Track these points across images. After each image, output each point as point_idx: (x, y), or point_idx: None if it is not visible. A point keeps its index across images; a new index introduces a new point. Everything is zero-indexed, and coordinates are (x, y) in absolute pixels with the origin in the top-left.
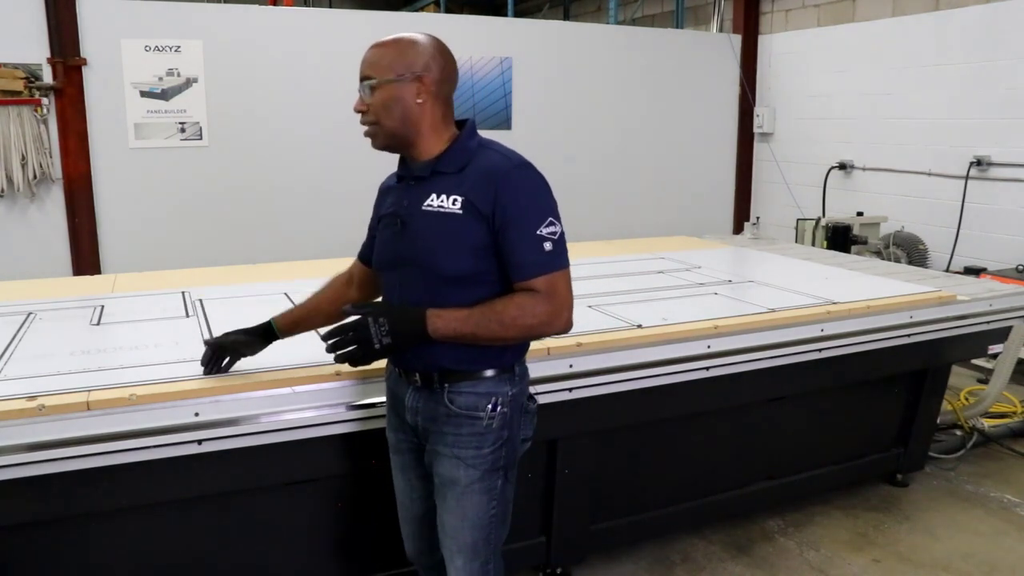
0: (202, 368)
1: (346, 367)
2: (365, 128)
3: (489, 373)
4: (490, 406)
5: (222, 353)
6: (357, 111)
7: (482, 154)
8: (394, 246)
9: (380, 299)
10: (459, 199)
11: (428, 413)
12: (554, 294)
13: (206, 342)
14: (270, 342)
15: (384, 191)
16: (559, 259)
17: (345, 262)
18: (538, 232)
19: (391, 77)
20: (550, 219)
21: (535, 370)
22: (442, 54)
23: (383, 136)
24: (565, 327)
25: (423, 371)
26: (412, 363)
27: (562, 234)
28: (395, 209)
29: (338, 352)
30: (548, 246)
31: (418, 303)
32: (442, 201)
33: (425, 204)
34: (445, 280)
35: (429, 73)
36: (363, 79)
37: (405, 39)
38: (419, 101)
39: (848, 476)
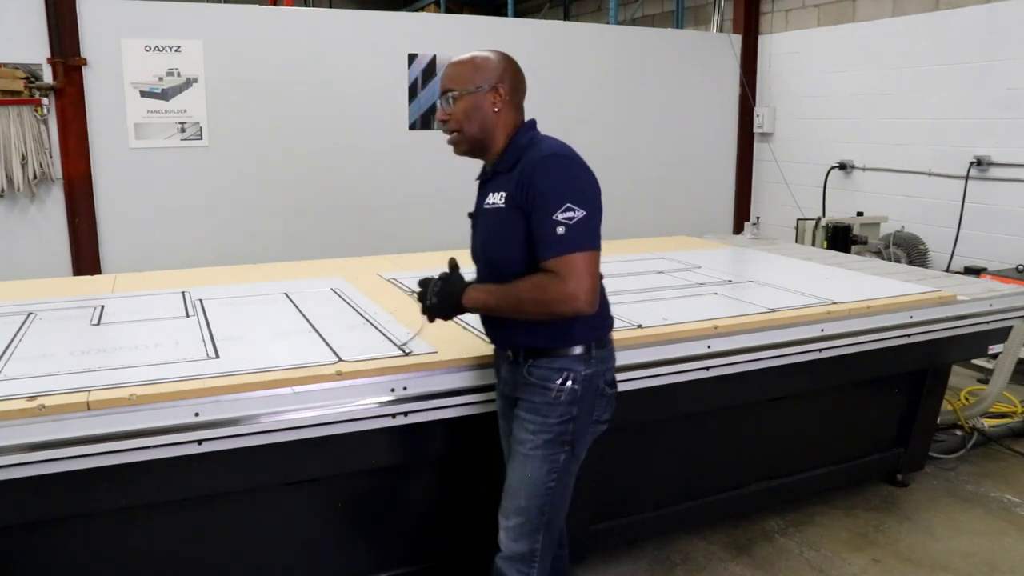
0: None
1: (346, 367)
2: (448, 136)
3: (565, 351)
4: (559, 380)
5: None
6: (440, 120)
7: (528, 150)
8: (473, 242)
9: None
10: (504, 195)
11: (512, 382)
12: (569, 275)
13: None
14: None
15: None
16: (575, 242)
17: (346, 262)
18: (553, 216)
19: (471, 88)
20: (568, 204)
21: None
22: (513, 67)
23: (465, 142)
24: (584, 308)
25: (512, 347)
26: (501, 341)
27: (584, 219)
28: (474, 209)
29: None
30: (561, 230)
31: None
32: (495, 199)
33: (485, 203)
34: (499, 266)
35: (503, 84)
36: (445, 92)
37: (480, 56)
38: (496, 110)
39: (848, 476)
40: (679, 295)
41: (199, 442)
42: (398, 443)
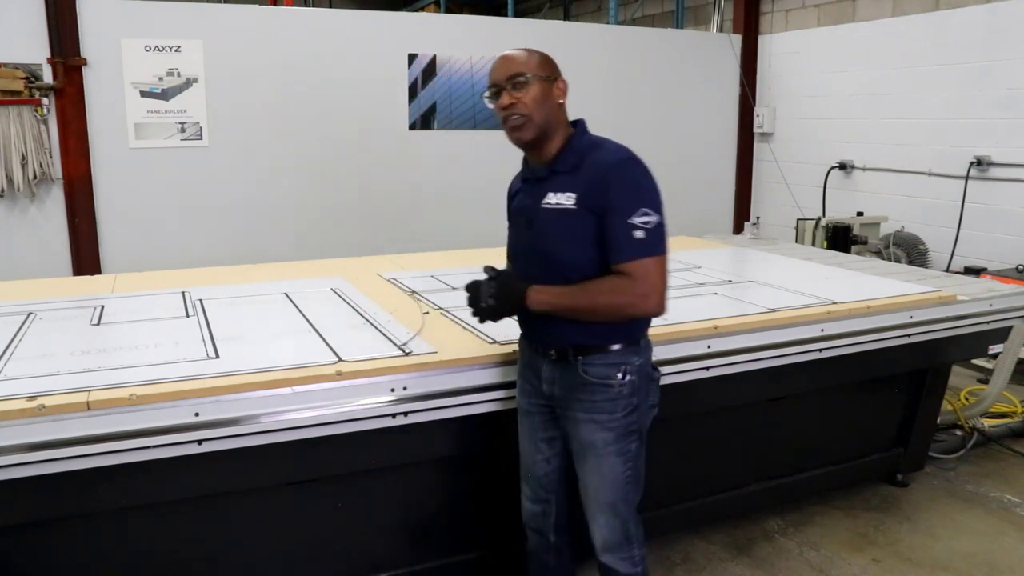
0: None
1: (346, 367)
2: (511, 122)
3: (617, 346)
4: (619, 375)
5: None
6: (505, 106)
7: (592, 152)
8: (523, 239)
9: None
10: (573, 196)
11: (565, 383)
12: (644, 278)
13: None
14: None
15: (513, 193)
16: (652, 247)
17: (346, 262)
18: (630, 220)
19: (544, 75)
20: (644, 209)
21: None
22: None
23: (533, 128)
24: (656, 310)
25: (558, 347)
26: (547, 341)
27: (659, 224)
28: (521, 207)
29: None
30: (639, 234)
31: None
32: (559, 199)
33: (544, 202)
34: (564, 267)
35: (561, 80)
36: (511, 77)
37: (534, 50)
38: (560, 102)
39: (848, 476)
40: (679, 295)
41: (199, 442)
42: (398, 443)
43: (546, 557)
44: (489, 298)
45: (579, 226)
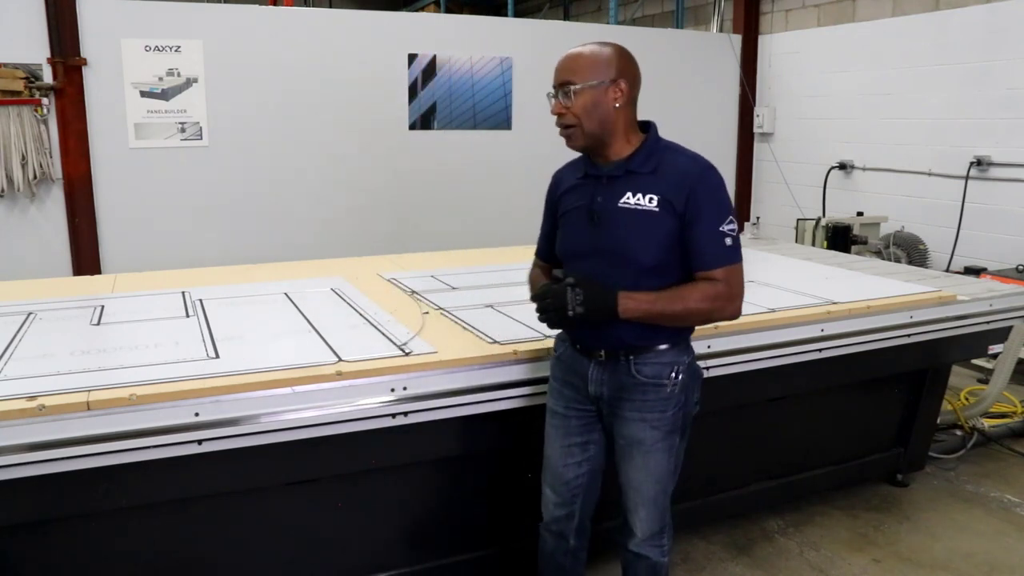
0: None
1: (346, 367)
2: (562, 129)
3: (667, 346)
4: (672, 374)
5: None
6: (555, 114)
7: (670, 155)
8: (587, 237)
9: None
10: (655, 198)
11: (614, 383)
12: (735, 284)
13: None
14: None
15: (566, 190)
16: (737, 253)
17: (346, 262)
18: (720, 228)
19: (593, 82)
20: (730, 217)
21: (535, 369)
22: (631, 61)
23: (582, 137)
24: (736, 314)
25: (608, 349)
26: (596, 343)
27: (738, 232)
28: (585, 203)
29: (540, 313)
30: (728, 241)
31: (616, 287)
32: (639, 199)
33: (621, 201)
34: (638, 268)
35: (624, 79)
36: (562, 84)
37: (598, 48)
38: (616, 106)
39: (848, 476)
40: None
41: (199, 442)
42: (398, 443)
43: (563, 560)
44: (578, 306)
45: (658, 228)
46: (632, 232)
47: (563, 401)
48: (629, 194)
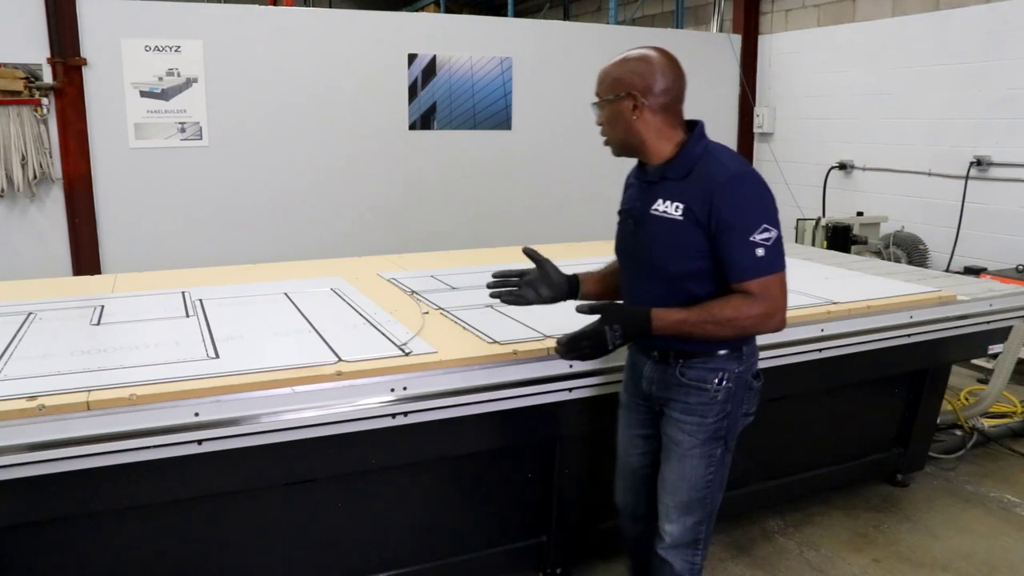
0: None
1: (346, 367)
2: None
3: (721, 352)
4: (716, 380)
5: (516, 279)
6: (598, 124)
7: (704, 161)
8: (629, 242)
9: (608, 301)
10: (681, 206)
11: (662, 383)
12: (766, 296)
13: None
14: (567, 298)
15: (627, 186)
16: (772, 263)
17: (346, 262)
18: (751, 238)
19: (610, 97)
20: (764, 225)
21: (533, 369)
22: (660, 68)
23: (615, 147)
24: (778, 326)
25: (661, 349)
26: (651, 344)
27: (778, 238)
28: (631, 207)
29: (575, 356)
30: (760, 252)
31: (650, 293)
32: (667, 207)
33: (653, 208)
34: (666, 276)
35: (639, 89)
36: (595, 99)
37: (620, 60)
38: (635, 116)
39: (848, 476)
40: None
41: (199, 442)
42: (398, 443)
43: (645, 542)
44: (617, 339)
45: (685, 238)
46: (657, 240)
47: (628, 393)
48: (660, 200)
